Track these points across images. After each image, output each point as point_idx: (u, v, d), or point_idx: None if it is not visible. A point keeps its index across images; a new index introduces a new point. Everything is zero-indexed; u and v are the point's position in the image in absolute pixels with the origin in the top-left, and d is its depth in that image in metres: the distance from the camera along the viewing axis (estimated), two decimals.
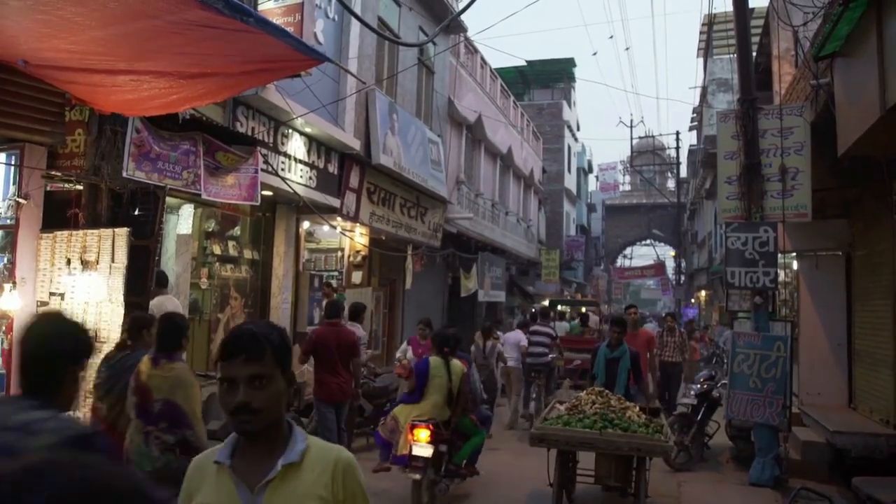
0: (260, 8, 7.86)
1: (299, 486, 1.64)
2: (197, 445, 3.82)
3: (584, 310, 19.06)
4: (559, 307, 20.90)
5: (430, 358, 6.22)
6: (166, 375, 4.02)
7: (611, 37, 54.37)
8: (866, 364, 8.34)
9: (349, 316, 8.16)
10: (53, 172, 5.53)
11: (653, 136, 41.08)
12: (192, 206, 8.24)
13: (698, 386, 8.92)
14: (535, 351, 10.78)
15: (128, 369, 4.22)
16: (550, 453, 5.72)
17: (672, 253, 41.15)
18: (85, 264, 5.30)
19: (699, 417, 8.48)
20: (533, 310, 16.25)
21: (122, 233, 5.25)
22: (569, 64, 33.36)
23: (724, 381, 8.85)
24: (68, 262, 5.36)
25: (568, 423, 5.54)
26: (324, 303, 9.88)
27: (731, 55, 16.32)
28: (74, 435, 1.79)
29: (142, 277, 5.68)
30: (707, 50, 23.93)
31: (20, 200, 5.28)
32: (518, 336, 11.23)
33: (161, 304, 6.63)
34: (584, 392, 6.26)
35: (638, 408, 5.91)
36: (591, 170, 42.30)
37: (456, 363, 6.18)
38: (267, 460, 1.65)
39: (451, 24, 14.03)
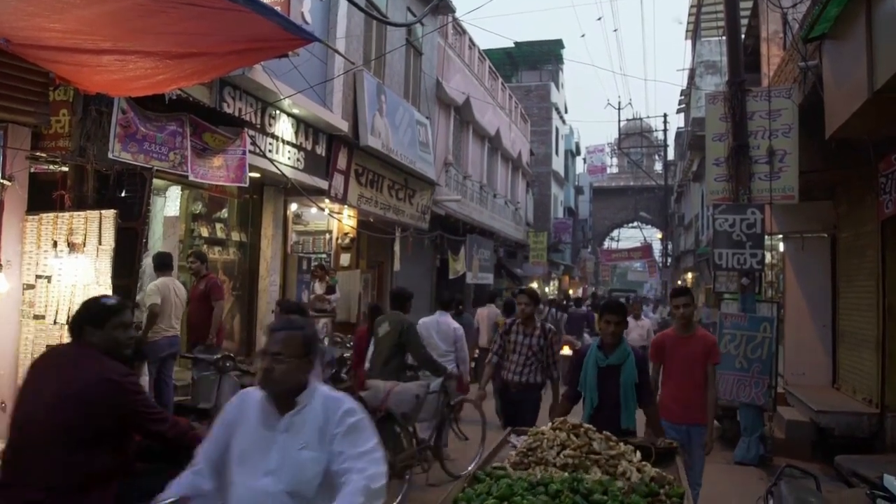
0: None
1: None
2: None
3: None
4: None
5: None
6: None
7: (599, 18, 54.30)
8: (850, 345, 8.45)
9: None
10: (38, 153, 5.44)
11: (640, 119, 41.10)
12: (179, 187, 8.17)
13: None
14: None
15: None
16: None
17: (659, 235, 41.33)
18: (72, 247, 5.24)
19: None
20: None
21: (109, 215, 5.20)
22: (557, 45, 33.27)
23: None
24: (55, 244, 5.29)
25: (508, 497, 2.83)
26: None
27: (720, 37, 16.32)
28: None
29: (129, 260, 5.64)
30: (695, 32, 23.88)
31: (4, 182, 5.19)
32: None
33: (165, 283, 6.61)
34: (550, 424, 3.71)
35: (638, 454, 3.44)
36: (578, 152, 42.30)
37: None
38: None
39: (439, 5, 13.94)
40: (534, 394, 5.89)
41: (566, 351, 12.03)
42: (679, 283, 32.73)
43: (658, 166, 42.69)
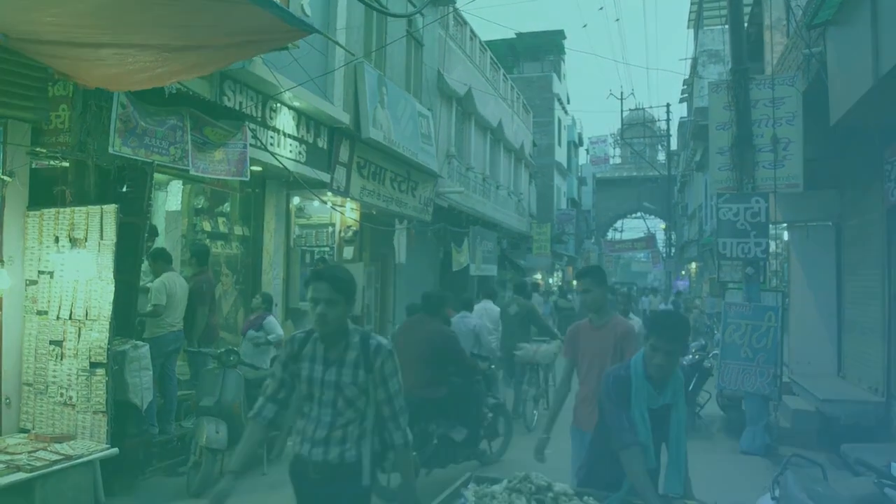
0: None
1: None
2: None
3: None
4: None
5: None
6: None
7: (601, 8, 53.80)
8: (855, 333, 8.41)
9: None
10: (38, 149, 5.43)
11: (643, 109, 40.95)
12: (180, 182, 8.16)
13: (690, 356, 8.99)
14: None
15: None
16: None
17: (662, 225, 41.22)
18: (73, 242, 5.24)
19: (690, 388, 8.55)
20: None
21: (111, 210, 5.18)
22: (558, 36, 33.12)
23: (715, 352, 8.92)
24: (56, 240, 5.29)
25: None
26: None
27: (723, 26, 16.23)
28: None
29: (131, 254, 5.63)
30: (698, 21, 23.79)
31: (5, 178, 5.19)
32: None
33: (171, 279, 6.60)
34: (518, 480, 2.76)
35: None
36: (581, 143, 42.17)
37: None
38: None
39: None
40: (354, 488, 2.78)
41: None
42: (682, 273, 32.57)
43: (661, 156, 42.54)
